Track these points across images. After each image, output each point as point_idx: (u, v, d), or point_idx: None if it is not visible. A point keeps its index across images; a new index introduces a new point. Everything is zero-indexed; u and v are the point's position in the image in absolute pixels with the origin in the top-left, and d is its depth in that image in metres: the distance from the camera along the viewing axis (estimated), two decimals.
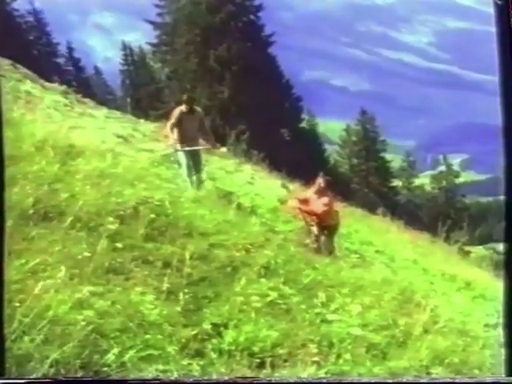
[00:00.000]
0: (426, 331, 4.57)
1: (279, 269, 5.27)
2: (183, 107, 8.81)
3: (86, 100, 16.67)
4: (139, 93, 23.83)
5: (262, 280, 4.86)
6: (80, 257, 4.07)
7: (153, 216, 5.19)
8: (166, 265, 4.49)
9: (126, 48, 23.37)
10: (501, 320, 3.44)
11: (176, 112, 8.88)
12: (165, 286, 4.20)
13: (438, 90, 24.54)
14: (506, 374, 3.46)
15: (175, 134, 8.77)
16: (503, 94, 3.30)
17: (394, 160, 27.54)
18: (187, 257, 4.53)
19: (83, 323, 3.36)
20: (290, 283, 5.04)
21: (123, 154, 8.87)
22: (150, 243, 4.80)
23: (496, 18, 3.29)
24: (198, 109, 9.08)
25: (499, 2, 3.29)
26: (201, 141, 9.14)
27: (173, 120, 8.82)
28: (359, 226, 12.57)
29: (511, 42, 3.28)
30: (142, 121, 17.68)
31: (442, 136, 24.78)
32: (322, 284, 5.32)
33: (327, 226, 8.15)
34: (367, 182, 28.70)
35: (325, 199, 8.07)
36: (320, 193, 8.11)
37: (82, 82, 21.48)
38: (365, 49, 27.71)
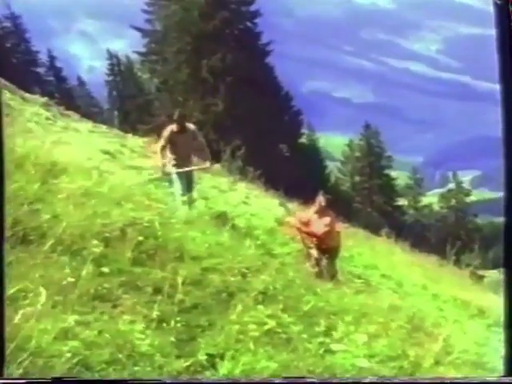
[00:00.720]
0: (437, 363, 4.57)
1: (278, 295, 5.28)
2: (174, 126, 8.81)
3: (70, 113, 16.74)
4: (127, 105, 23.98)
5: (260, 307, 4.86)
6: (63, 283, 4.04)
7: (141, 238, 5.18)
8: (157, 291, 4.49)
9: (111, 57, 23.52)
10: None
11: (166, 133, 8.84)
12: (155, 313, 4.20)
13: (447, 102, 24.64)
14: (505, 374, 3.66)
15: (165, 156, 8.80)
16: (503, 93, 3.49)
17: (400, 177, 27.66)
18: (179, 282, 4.53)
19: (68, 355, 3.34)
20: (290, 310, 5.04)
21: (110, 172, 8.92)
22: (138, 268, 4.80)
23: (496, 17, 3.47)
24: (191, 126, 9.05)
25: (499, 2, 3.46)
26: (195, 159, 9.19)
27: (162, 142, 8.82)
28: (362, 248, 12.61)
29: (511, 42, 3.46)
30: (129, 135, 17.77)
31: (452, 151, 24.88)
32: (324, 311, 5.33)
33: (328, 248, 8.18)
34: (371, 201, 28.80)
35: (326, 219, 8.11)
36: (321, 212, 8.16)
37: (64, 94, 21.46)
38: (369, 58, 28.00)
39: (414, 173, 27.18)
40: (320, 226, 8.06)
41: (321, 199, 8.18)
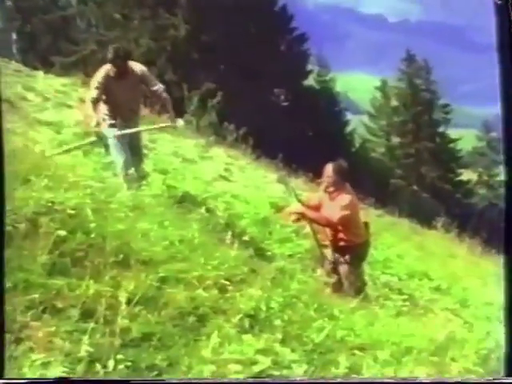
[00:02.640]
0: None
1: (274, 319, 5.31)
2: (110, 68, 8.80)
3: None
4: (33, 26, 23.74)
5: (246, 337, 4.88)
6: None
7: (62, 233, 5.18)
8: (87, 314, 4.49)
9: None
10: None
11: (99, 76, 8.85)
12: (84, 350, 4.20)
13: None
14: (505, 374, 4.66)
15: (98, 111, 8.79)
16: (503, 93, 4.59)
17: (465, 138, 27.39)
18: (122, 300, 4.53)
19: None
20: (293, 342, 5.07)
21: (9, 130, 8.83)
22: (57, 278, 4.79)
23: (496, 17, 4.62)
24: (138, 67, 9.04)
25: (499, 2, 4.61)
26: (145, 114, 9.18)
27: (94, 92, 8.80)
28: (405, 247, 12.66)
29: (511, 42, 4.61)
30: (40, 73, 17.61)
31: None
32: (345, 344, 5.37)
33: (349, 246, 8.17)
34: (418, 176, 28.82)
35: (343, 199, 8.07)
36: (334, 189, 8.11)
37: None
38: None
39: (485, 130, 26.84)
40: (334, 209, 8.01)
41: (330, 169, 8.11)
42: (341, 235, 8.07)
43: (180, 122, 9.54)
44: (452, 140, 27.94)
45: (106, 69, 8.84)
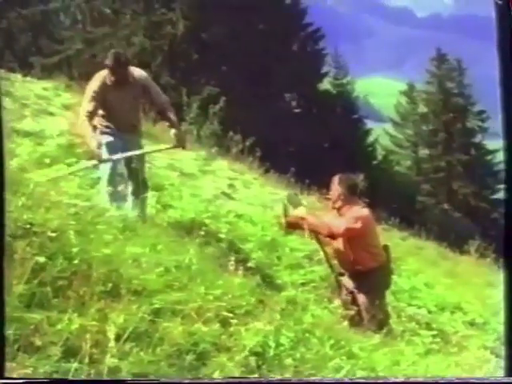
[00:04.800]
0: None
1: (284, 357, 5.29)
2: (106, 75, 8.73)
3: None
4: (10, 22, 23.85)
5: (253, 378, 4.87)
6: None
7: (42, 259, 5.17)
8: (69, 353, 4.50)
9: None
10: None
11: (94, 86, 8.74)
12: None
13: None
14: (505, 374, 5.19)
15: (96, 126, 8.73)
16: (503, 93, 5.04)
17: (503, 150, 27.16)
18: (111, 336, 4.53)
19: None
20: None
21: None
22: (35, 311, 4.79)
23: (496, 17, 5.06)
24: (137, 73, 8.92)
25: (499, 2, 5.05)
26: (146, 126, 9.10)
27: (89, 106, 8.68)
28: (434, 274, 12.63)
29: (511, 42, 5.03)
30: (17, 76, 17.71)
31: None
32: None
33: (367, 271, 8.15)
34: (449, 192, 28.79)
35: (353, 211, 8.05)
36: (341, 204, 8.11)
37: None
38: None
39: None
40: (341, 219, 8.00)
41: (336, 182, 8.11)
42: (354, 255, 8.04)
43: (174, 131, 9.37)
44: (489, 151, 27.94)
45: (103, 76, 8.68)
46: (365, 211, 8.06)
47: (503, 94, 5.12)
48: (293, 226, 8.39)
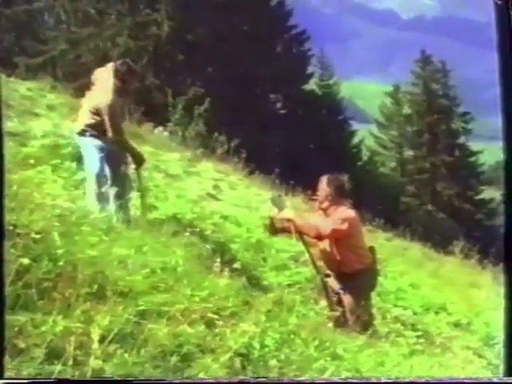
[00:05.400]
0: None
1: (269, 358, 5.29)
2: (114, 80, 8.62)
3: None
4: None
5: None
6: None
7: (26, 261, 5.15)
8: (53, 355, 4.47)
9: None
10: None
11: (110, 79, 8.69)
12: None
13: None
14: (505, 374, 5.14)
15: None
16: (503, 94, 5.13)
17: (487, 151, 27.34)
18: (95, 338, 4.52)
19: None
20: None
21: None
22: (19, 314, 4.77)
23: (496, 17, 5.10)
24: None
25: (499, 2, 5.06)
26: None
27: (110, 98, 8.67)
28: (419, 275, 12.65)
29: (511, 41, 5.06)
30: (1, 76, 17.63)
31: None
32: None
33: (353, 273, 8.16)
34: (433, 193, 28.85)
35: (340, 212, 8.05)
36: (328, 205, 8.11)
37: None
38: None
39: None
40: (328, 221, 8.00)
41: (324, 182, 8.11)
42: (340, 257, 8.05)
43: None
44: (473, 153, 28.02)
45: (111, 81, 8.66)
46: (351, 212, 8.06)
47: (503, 94, 5.16)
48: (279, 230, 8.40)
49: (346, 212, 8.01)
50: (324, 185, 8.07)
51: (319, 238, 8.02)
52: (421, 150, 29.32)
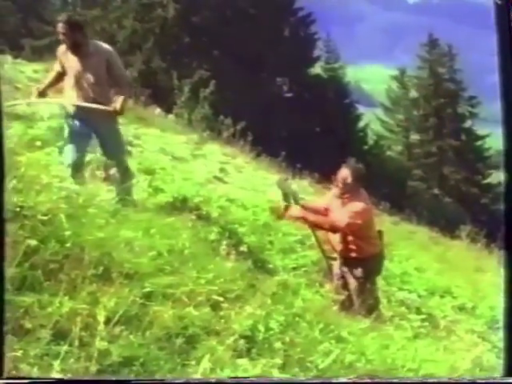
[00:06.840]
0: None
1: (274, 341, 5.30)
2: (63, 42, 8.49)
3: None
4: None
5: (242, 362, 4.90)
6: None
7: (33, 242, 5.15)
8: (59, 336, 4.48)
9: None
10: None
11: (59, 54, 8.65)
12: (56, 374, 4.20)
13: None
14: (505, 374, 5.22)
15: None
16: (503, 94, 5.16)
17: (494, 135, 27.25)
18: (101, 320, 4.53)
19: None
20: (294, 368, 5.08)
21: None
22: (26, 294, 4.77)
23: (496, 17, 5.09)
24: (103, 47, 8.76)
25: (499, 2, 5.06)
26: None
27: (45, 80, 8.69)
28: (424, 259, 12.63)
29: (511, 41, 5.05)
30: (8, 58, 17.63)
31: None
32: (355, 371, 5.35)
33: (361, 258, 8.15)
34: (440, 177, 28.77)
35: (355, 205, 8.03)
36: (346, 195, 8.09)
37: None
38: None
39: None
40: (344, 214, 8.00)
41: (345, 173, 8.08)
42: (351, 245, 8.04)
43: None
44: (479, 137, 27.87)
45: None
46: (366, 205, 8.07)
47: (503, 94, 5.13)
48: (292, 219, 8.42)
49: (360, 205, 7.98)
50: (348, 177, 8.01)
51: (334, 231, 8.03)
52: (427, 134, 29.17)
